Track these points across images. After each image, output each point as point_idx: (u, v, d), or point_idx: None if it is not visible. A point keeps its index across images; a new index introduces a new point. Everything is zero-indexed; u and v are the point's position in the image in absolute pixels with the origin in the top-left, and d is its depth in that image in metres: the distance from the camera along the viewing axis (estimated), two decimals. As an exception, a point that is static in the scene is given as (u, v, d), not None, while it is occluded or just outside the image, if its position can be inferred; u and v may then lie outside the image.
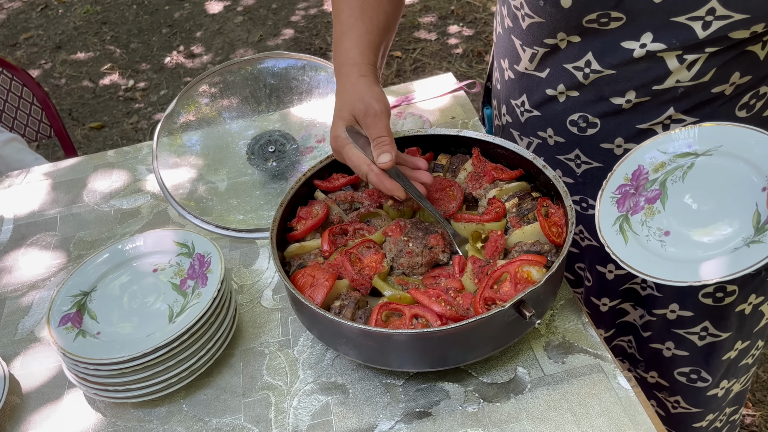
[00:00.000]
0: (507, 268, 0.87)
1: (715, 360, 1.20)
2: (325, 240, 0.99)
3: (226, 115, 1.35)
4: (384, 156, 0.90)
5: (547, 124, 1.06)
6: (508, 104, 1.14)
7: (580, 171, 1.08)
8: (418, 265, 0.96)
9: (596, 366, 0.88)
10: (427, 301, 0.85)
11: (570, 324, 0.95)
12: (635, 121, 0.97)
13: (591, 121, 1.00)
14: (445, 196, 1.03)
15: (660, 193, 0.87)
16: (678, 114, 0.94)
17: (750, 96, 0.93)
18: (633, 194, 0.89)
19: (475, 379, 0.90)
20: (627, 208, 0.88)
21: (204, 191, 1.27)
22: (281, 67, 1.30)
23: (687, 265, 0.78)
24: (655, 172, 0.89)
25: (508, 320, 0.83)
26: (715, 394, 1.27)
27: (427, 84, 1.49)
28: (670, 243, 0.83)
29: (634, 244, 0.84)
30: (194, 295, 0.96)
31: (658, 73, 0.90)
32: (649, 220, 0.86)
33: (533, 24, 0.97)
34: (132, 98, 4.01)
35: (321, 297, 0.88)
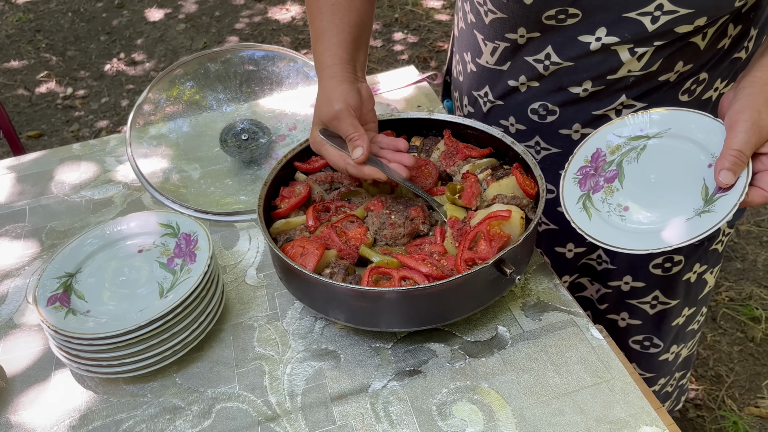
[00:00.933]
0: (479, 228, 0.93)
1: (665, 326, 1.31)
2: (309, 215, 1.03)
3: (199, 104, 1.37)
4: (356, 151, 0.95)
5: (509, 112, 1.15)
6: (471, 95, 1.22)
7: (539, 157, 1.17)
8: (400, 235, 1.01)
9: (570, 321, 0.96)
10: (414, 264, 0.91)
11: (543, 286, 1.02)
12: (591, 108, 1.06)
13: (550, 109, 1.09)
14: (421, 173, 1.09)
15: (617, 172, 0.96)
16: (629, 100, 1.04)
17: (691, 82, 1.04)
18: (593, 175, 0.97)
19: (459, 338, 0.95)
20: (588, 188, 0.96)
21: (177, 180, 1.29)
22: (253, 57, 1.33)
23: (646, 235, 0.87)
24: (612, 154, 0.98)
25: (490, 278, 0.89)
26: (666, 359, 1.38)
27: (391, 76, 1.55)
28: (629, 217, 0.91)
29: (597, 220, 0.92)
30: (184, 271, 0.98)
31: (612, 64, 1.00)
32: (609, 198, 0.94)
33: (496, 19, 1.05)
34: (71, 106, 3.91)
35: (312, 264, 0.92)
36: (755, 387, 2.20)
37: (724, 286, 2.51)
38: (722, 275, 2.56)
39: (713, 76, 1.05)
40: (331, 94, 0.98)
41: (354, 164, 0.96)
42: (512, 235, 0.92)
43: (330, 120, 0.98)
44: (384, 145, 1.03)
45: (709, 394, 2.19)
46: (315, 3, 1.05)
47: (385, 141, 1.03)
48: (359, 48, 1.04)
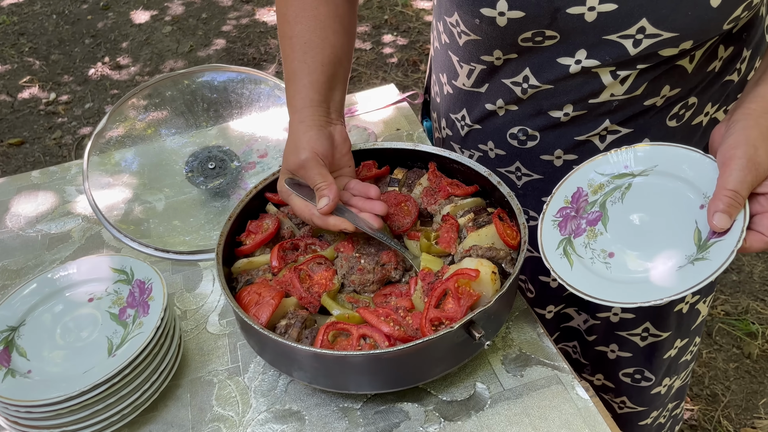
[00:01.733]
0: (446, 285, 0.86)
1: (657, 359, 1.24)
2: (274, 255, 0.96)
3: (162, 131, 1.29)
4: (321, 201, 0.89)
5: (488, 137, 1.07)
6: (448, 118, 1.14)
7: (521, 183, 1.10)
8: (369, 282, 0.93)
9: (554, 377, 0.88)
10: (375, 321, 0.83)
11: (525, 336, 0.94)
12: (573, 133, 0.99)
13: (530, 134, 1.02)
14: (399, 211, 1.02)
15: (600, 214, 0.88)
16: (613, 125, 0.97)
17: (679, 107, 0.97)
18: (574, 217, 0.89)
19: (434, 397, 0.88)
20: (569, 231, 0.88)
21: (141, 212, 1.21)
22: (220, 80, 1.25)
23: (634, 285, 0.79)
24: (594, 193, 0.90)
25: (458, 341, 0.81)
26: (659, 392, 1.31)
27: (369, 96, 1.47)
28: (614, 264, 0.83)
29: (580, 267, 0.84)
30: (135, 324, 0.90)
31: (593, 87, 0.93)
32: (592, 242, 0.86)
33: (470, 41, 0.97)
34: (54, 112, 3.82)
35: (266, 316, 0.85)
36: (752, 406, 2.13)
37: (719, 300, 2.44)
38: (717, 288, 2.49)
39: (703, 100, 0.98)
40: (299, 142, 0.91)
41: (319, 215, 0.90)
42: (484, 292, 0.84)
43: (297, 169, 0.92)
44: (356, 192, 0.96)
45: (704, 415, 2.12)
46: (287, 42, 0.97)
47: (358, 188, 0.96)
48: (334, 87, 0.97)
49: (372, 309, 0.87)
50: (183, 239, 1.15)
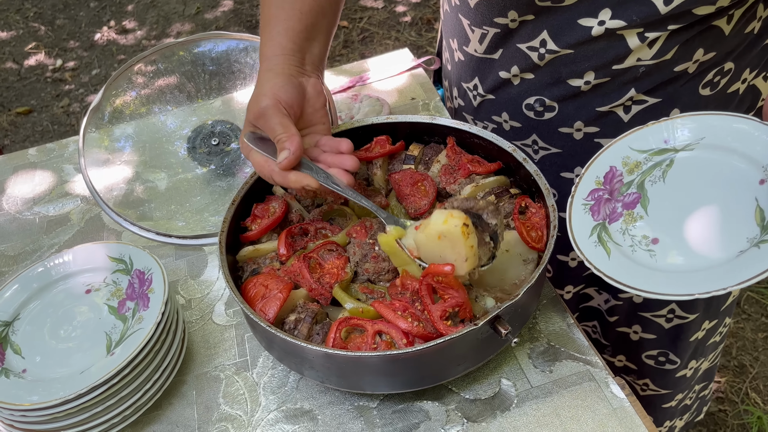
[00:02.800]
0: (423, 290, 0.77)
1: (682, 342, 1.17)
2: (281, 242, 0.89)
3: (162, 104, 1.21)
4: (281, 155, 0.80)
5: (502, 108, 0.99)
6: (460, 87, 1.06)
7: (537, 157, 1.02)
8: (384, 271, 0.86)
9: (586, 373, 0.81)
10: (391, 316, 0.76)
11: (554, 326, 0.87)
12: (595, 104, 0.91)
13: (548, 105, 0.93)
14: (416, 191, 0.94)
15: (639, 196, 0.79)
16: (639, 95, 0.88)
17: (714, 73, 0.88)
18: (608, 200, 0.80)
19: (456, 395, 0.82)
20: (603, 216, 0.79)
21: (142, 192, 1.14)
22: (220, 50, 1.16)
23: (687, 275, 0.70)
24: (630, 173, 0.81)
25: (483, 337, 0.74)
26: (684, 375, 1.25)
27: (382, 62, 1.38)
28: (660, 252, 0.74)
29: (619, 257, 0.74)
30: (135, 319, 0.84)
31: (617, 52, 0.84)
32: (631, 228, 0.77)
33: (482, 2, 0.88)
34: (61, 79, 3.74)
35: (274, 311, 0.78)
36: (782, 378, 2.07)
37: (749, 267, 2.35)
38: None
39: (741, 66, 0.89)
40: (261, 89, 0.82)
41: (279, 171, 0.81)
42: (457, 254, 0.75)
43: (256, 118, 0.82)
44: (327, 147, 0.87)
45: (731, 387, 2.06)
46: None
47: (329, 143, 0.87)
48: (312, 38, 0.88)
49: (388, 302, 0.80)
50: (186, 222, 1.08)
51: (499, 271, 0.81)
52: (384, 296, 0.85)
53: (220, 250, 0.85)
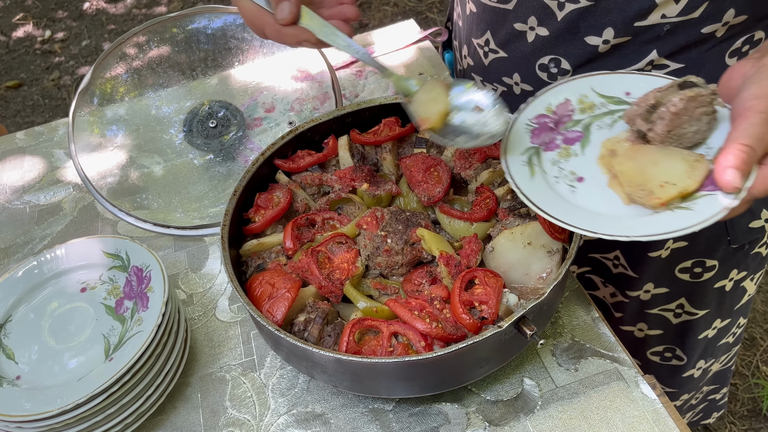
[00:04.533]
0: (475, 273, 0.75)
1: (690, 339, 1.12)
2: (288, 235, 0.84)
3: (155, 85, 1.14)
4: (280, 7, 0.69)
5: (514, 68, 0.93)
6: (470, 44, 0.99)
7: None
8: (397, 265, 0.81)
9: (614, 372, 0.77)
10: (408, 317, 0.71)
11: (578, 320, 0.83)
12: (612, 67, 0.85)
13: (563, 68, 0.87)
14: (429, 178, 0.88)
15: (581, 136, 0.76)
16: (661, 59, 0.83)
17: (743, 41, 0.82)
18: (551, 129, 0.77)
19: (476, 396, 0.77)
20: (541, 142, 0.77)
21: (137, 178, 1.08)
22: (216, 26, 1.09)
23: (595, 217, 0.68)
24: (581, 112, 0.78)
25: (506, 338, 0.70)
26: (691, 375, 1.20)
27: (387, 34, 1.30)
28: (581, 190, 0.72)
29: (540, 181, 0.73)
30: (134, 321, 0.79)
31: (641, 5, 0.78)
32: (563, 161, 0.75)
33: None
34: (51, 51, 3.63)
35: (282, 313, 0.73)
36: (792, 350, 2.04)
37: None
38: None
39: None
40: None
41: (274, 24, 0.72)
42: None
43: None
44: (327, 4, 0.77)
45: (741, 360, 2.03)
46: None
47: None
48: None
49: (403, 301, 0.75)
50: (185, 211, 1.03)
51: (524, 267, 0.76)
52: (398, 292, 0.80)
53: (222, 246, 0.79)
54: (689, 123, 0.68)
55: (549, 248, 0.78)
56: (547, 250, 0.78)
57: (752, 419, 1.90)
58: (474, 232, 0.83)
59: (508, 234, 0.79)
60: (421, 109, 0.76)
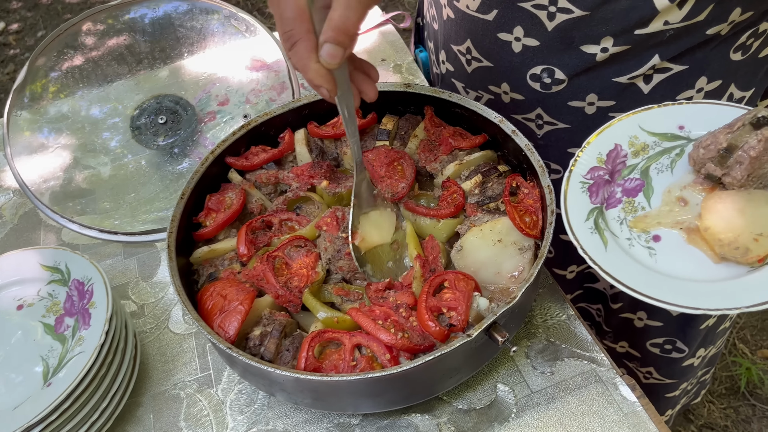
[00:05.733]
0: (445, 277, 0.69)
1: (692, 330, 1.09)
2: (241, 240, 0.78)
3: (99, 79, 1.06)
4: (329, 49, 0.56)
5: (501, 77, 0.86)
6: (449, 50, 0.93)
7: (541, 133, 0.90)
8: (361, 268, 0.76)
9: (591, 374, 0.73)
10: (371, 327, 0.66)
11: (553, 319, 0.78)
12: (611, 73, 0.79)
13: (557, 78, 0.81)
14: (392, 172, 0.82)
15: (642, 184, 0.70)
16: (663, 62, 0.77)
17: (748, 35, 0.77)
18: (608, 182, 0.70)
19: (448, 405, 0.73)
20: (601, 200, 0.69)
21: (82, 181, 1.01)
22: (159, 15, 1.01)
23: (688, 284, 0.61)
24: (635, 156, 0.71)
25: (477, 346, 0.65)
26: (691, 364, 1.17)
27: (347, 18, 1.23)
28: (661, 252, 0.65)
29: (616, 249, 0.65)
30: (75, 340, 0.73)
31: (642, 13, 0.72)
32: (631, 219, 0.68)
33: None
34: (5, 43, 3.49)
35: (234, 328, 0.68)
36: (768, 326, 2.04)
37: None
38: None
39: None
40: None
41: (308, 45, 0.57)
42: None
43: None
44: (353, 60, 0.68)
45: (721, 340, 2.03)
46: None
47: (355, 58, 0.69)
48: None
49: (367, 309, 0.70)
50: (134, 215, 0.96)
51: (494, 265, 0.71)
52: (362, 298, 0.74)
53: (169, 255, 0.73)
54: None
55: (520, 245, 0.73)
56: (518, 247, 0.73)
57: (731, 397, 1.89)
58: (441, 229, 0.78)
59: (476, 231, 0.75)
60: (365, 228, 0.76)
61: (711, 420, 1.86)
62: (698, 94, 0.80)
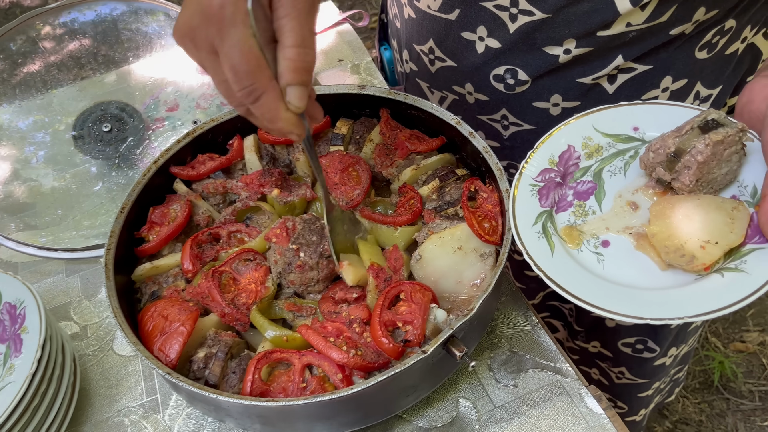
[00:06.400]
0: (401, 288, 0.66)
1: (663, 329, 1.07)
2: (185, 254, 0.73)
3: (40, 85, 1.01)
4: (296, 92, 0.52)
5: (465, 78, 0.84)
6: (412, 50, 0.89)
7: (507, 134, 0.87)
8: (313, 281, 0.72)
9: (556, 385, 0.70)
10: (322, 345, 0.63)
11: (516, 327, 0.75)
12: (575, 74, 0.77)
13: (520, 79, 0.78)
14: (347, 178, 0.79)
15: (594, 187, 0.67)
16: (628, 63, 0.75)
17: (713, 33, 0.75)
18: (559, 184, 0.67)
19: (407, 424, 0.69)
20: (551, 203, 0.66)
21: (22, 194, 0.95)
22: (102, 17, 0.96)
23: (635, 292, 0.58)
24: (588, 157, 0.68)
25: (434, 362, 0.62)
26: (663, 364, 1.16)
27: (302, 18, 1.19)
28: (609, 257, 0.62)
29: (563, 255, 0.62)
30: (6, 369, 0.68)
31: (604, 17, 0.70)
32: (580, 222, 0.65)
33: None
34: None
35: (176, 352, 0.63)
36: (740, 319, 2.04)
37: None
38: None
39: (742, 23, 0.76)
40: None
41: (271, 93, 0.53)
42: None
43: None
44: None
45: (693, 335, 2.03)
46: None
47: None
48: None
49: (318, 325, 0.66)
50: (78, 229, 0.91)
51: (455, 274, 0.68)
52: (315, 313, 0.70)
53: (106, 274, 0.69)
54: (718, 166, 0.60)
55: (481, 252, 0.70)
56: (479, 254, 0.70)
57: (704, 392, 1.89)
58: (399, 237, 0.74)
59: (435, 239, 0.71)
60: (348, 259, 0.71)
61: (686, 415, 1.86)
62: (664, 94, 0.78)
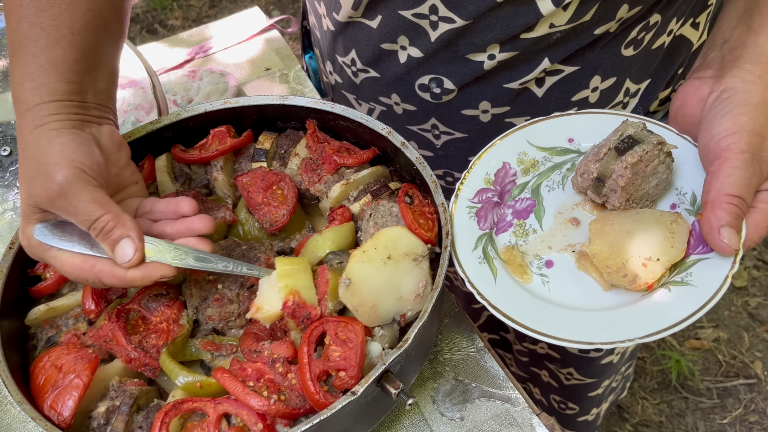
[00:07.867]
0: (324, 327, 0.59)
1: None
2: (88, 293, 0.65)
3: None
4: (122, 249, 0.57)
5: (390, 88, 0.79)
6: (335, 61, 0.84)
7: (440, 143, 0.83)
8: (233, 316, 0.65)
9: (506, 416, 0.64)
10: (240, 392, 0.55)
11: (461, 353, 0.69)
12: (502, 80, 0.74)
13: (446, 88, 0.74)
14: (271, 198, 0.71)
15: (533, 204, 0.64)
16: (554, 65, 0.73)
17: (638, 30, 0.73)
18: (497, 204, 0.64)
19: (344, 469, 0.62)
20: (490, 225, 0.62)
21: None
22: None
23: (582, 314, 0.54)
24: (525, 173, 0.65)
25: (367, 401, 0.55)
26: (610, 362, 1.14)
27: (227, 25, 1.12)
28: (554, 279, 0.58)
29: (506, 280, 0.58)
30: None
31: (527, 19, 0.67)
32: (522, 243, 0.61)
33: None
34: None
35: (70, 409, 0.56)
36: (693, 316, 2.04)
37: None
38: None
39: (667, 17, 0.74)
40: (46, 156, 0.56)
41: (115, 270, 0.58)
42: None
43: (52, 200, 0.56)
44: (160, 214, 0.64)
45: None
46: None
47: (160, 207, 0.64)
48: (95, 67, 0.61)
49: (238, 366, 0.58)
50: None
51: (393, 290, 0.61)
52: (236, 352, 0.63)
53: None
54: (646, 181, 0.57)
55: (413, 255, 0.62)
56: (411, 258, 0.62)
57: (663, 392, 1.88)
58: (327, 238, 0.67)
59: (359, 255, 0.63)
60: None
61: (645, 417, 1.84)
62: (593, 93, 0.75)
